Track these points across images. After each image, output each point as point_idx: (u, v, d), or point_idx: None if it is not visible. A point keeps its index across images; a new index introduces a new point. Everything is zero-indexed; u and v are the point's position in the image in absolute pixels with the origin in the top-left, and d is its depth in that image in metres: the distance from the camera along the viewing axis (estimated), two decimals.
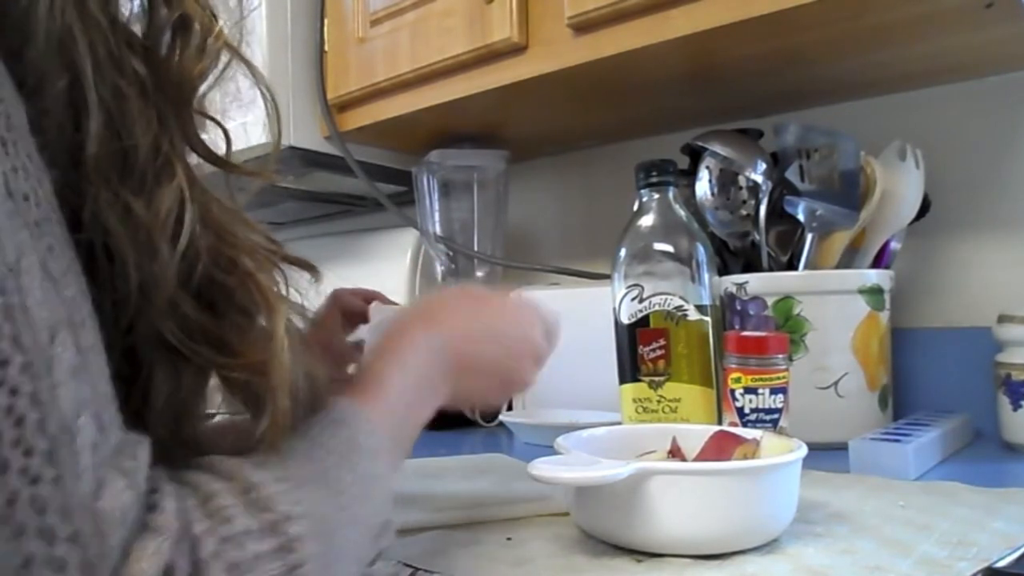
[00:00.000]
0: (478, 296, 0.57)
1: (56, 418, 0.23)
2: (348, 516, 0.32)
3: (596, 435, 0.57)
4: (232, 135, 0.38)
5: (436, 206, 1.14)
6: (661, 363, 0.73)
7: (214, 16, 0.35)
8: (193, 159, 0.34)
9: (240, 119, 0.38)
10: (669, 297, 0.73)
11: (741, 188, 0.84)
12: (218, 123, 0.37)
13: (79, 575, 0.22)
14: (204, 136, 0.36)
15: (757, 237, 0.82)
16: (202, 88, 0.35)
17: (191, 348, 0.32)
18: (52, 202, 0.26)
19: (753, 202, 0.83)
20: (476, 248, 1.14)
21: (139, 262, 0.30)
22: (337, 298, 0.74)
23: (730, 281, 0.79)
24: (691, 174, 0.87)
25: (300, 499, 0.29)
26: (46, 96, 0.27)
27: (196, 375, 0.33)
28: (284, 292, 0.37)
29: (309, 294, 0.40)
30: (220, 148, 0.37)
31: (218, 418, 0.38)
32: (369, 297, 0.77)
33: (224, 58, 0.35)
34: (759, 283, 0.78)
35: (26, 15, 0.27)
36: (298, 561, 0.27)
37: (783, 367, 0.64)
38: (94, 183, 0.29)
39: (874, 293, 0.77)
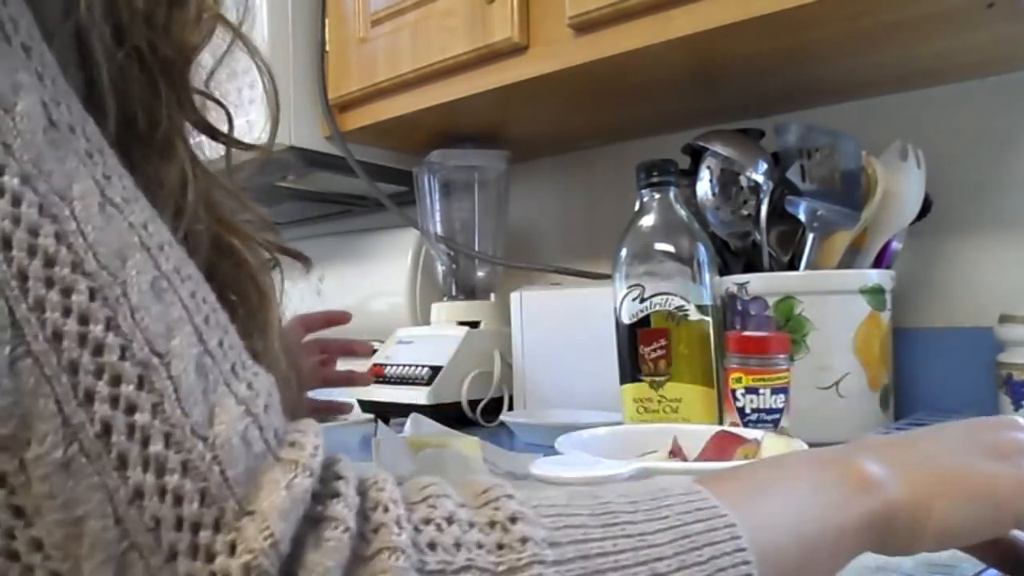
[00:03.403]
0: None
1: (143, 343, 0.21)
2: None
3: (597, 435, 0.57)
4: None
5: (437, 206, 1.14)
6: (662, 363, 0.73)
7: None
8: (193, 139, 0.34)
9: (242, 118, 0.38)
10: (670, 297, 0.73)
11: (742, 188, 0.84)
12: (218, 101, 0.36)
13: (200, 506, 0.20)
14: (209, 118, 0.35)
15: (758, 237, 0.82)
16: (208, 66, 0.34)
17: None
18: (100, 138, 0.24)
19: (754, 202, 0.83)
20: (477, 248, 1.14)
21: None
22: (301, 321, 0.76)
23: (731, 281, 0.79)
24: (692, 174, 0.87)
25: (547, 513, 0.25)
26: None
27: None
28: (280, 282, 0.37)
29: (306, 292, 0.39)
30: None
31: None
32: (331, 320, 0.79)
33: (222, 34, 0.35)
34: (760, 283, 0.78)
35: None
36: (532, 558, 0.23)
37: (784, 367, 0.64)
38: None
39: (875, 293, 0.77)
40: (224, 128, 0.36)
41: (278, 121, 0.40)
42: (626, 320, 0.75)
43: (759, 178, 0.82)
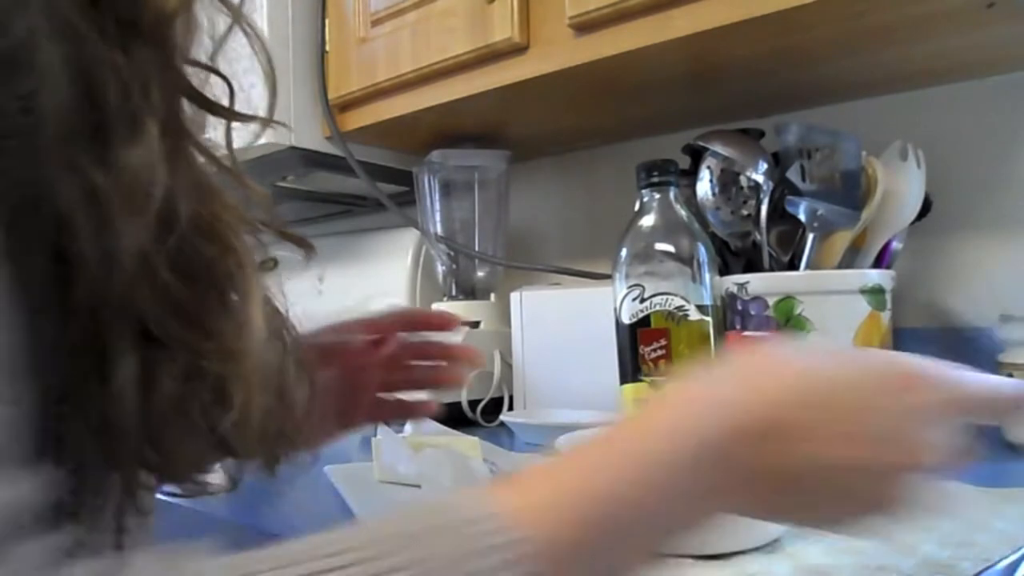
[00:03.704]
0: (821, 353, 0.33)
1: None
2: None
3: None
4: (234, 132, 0.36)
5: (437, 206, 1.14)
6: (662, 363, 0.73)
7: None
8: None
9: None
10: (670, 297, 0.73)
11: (742, 188, 0.84)
12: (217, 72, 0.33)
13: None
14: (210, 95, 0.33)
15: (758, 237, 0.82)
16: (209, 48, 0.33)
17: (163, 323, 0.28)
18: None
19: (754, 202, 0.83)
20: (477, 248, 1.14)
21: (96, 236, 0.26)
22: (403, 318, 0.63)
23: (731, 281, 0.79)
24: (692, 174, 0.87)
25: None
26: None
27: (168, 363, 0.28)
28: (271, 269, 0.35)
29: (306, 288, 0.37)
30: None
31: None
32: (436, 323, 0.62)
33: (223, 16, 0.33)
34: (760, 283, 0.78)
35: None
36: None
37: None
38: (55, 154, 0.25)
39: (875, 293, 0.76)
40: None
41: (276, 91, 0.37)
42: (626, 320, 0.75)
43: (759, 178, 0.82)
